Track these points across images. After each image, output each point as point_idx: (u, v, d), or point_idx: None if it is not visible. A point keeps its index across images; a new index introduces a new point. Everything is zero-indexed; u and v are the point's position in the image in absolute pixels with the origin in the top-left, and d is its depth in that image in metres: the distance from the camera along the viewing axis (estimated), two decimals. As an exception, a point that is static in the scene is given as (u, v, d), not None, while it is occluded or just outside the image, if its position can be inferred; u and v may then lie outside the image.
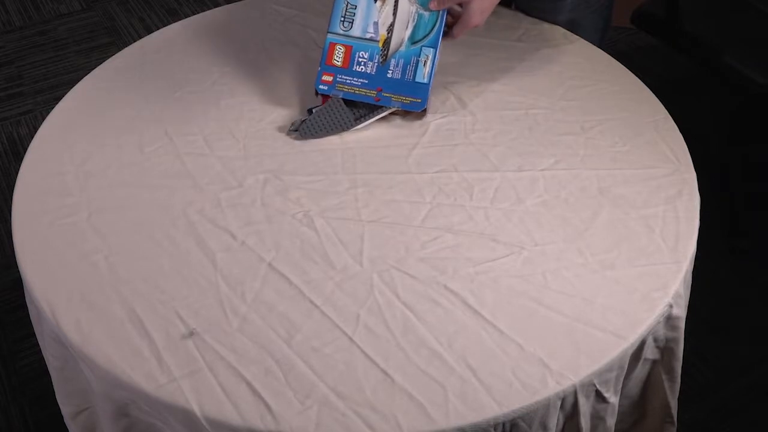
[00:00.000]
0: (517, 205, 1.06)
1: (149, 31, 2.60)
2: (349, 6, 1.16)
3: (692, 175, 1.10)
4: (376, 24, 1.16)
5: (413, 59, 1.17)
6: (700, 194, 1.07)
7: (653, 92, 1.24)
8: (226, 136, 1.17)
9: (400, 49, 1.17)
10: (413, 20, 1.16)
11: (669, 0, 1.87)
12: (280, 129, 1.18)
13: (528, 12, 1.39)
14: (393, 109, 1.17)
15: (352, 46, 1.17)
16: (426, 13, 1.15)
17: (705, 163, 1.23)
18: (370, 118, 1.17)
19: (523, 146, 1.15)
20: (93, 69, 1.31)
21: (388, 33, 1.16)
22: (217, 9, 1.45)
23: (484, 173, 1.11)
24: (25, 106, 2.43)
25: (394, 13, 1.16)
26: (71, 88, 1.27)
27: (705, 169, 1.17)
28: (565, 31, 1.36)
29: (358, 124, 1.16)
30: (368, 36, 1.17)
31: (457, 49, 1.33)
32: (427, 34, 1.16)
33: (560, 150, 1.14)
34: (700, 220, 1.04)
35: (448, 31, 1.18)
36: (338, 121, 1.16)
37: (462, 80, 1.26)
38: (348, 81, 1.17)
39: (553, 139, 1.16)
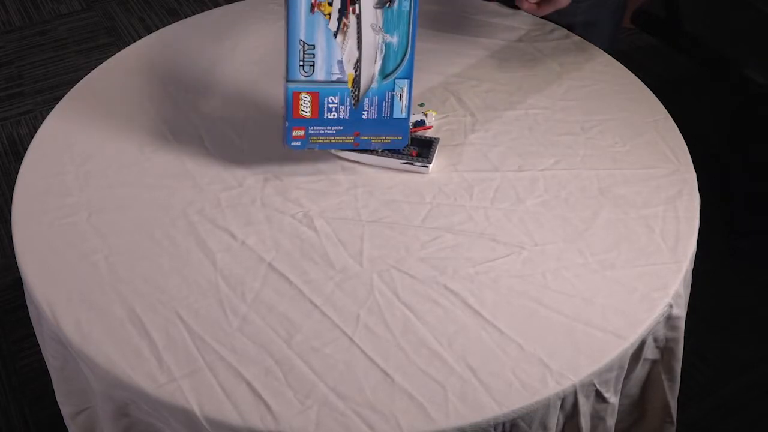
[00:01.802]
0: (517, 205, 1.06)
1: (149, 31, 2.60)
2: (307, 47, 1.02)
3: (692, 175, 1.10)
4: (340, 63, 1.04)
5: (388, 95, 1.07)
6: (700, 194, 1.07)
7: (653, 92, 1.24)
8: (226, 135, 1.17)
9: (372, 85, 1.06)
10: (381, 51, 1.04)
11: (669, 0, 1.87)
12: (281, 129, 1.18)
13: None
14: (397, 165, 1.11)
15: (318, 93, 1.04)
16: (394, 41, 1.05)
17: (705, 163, 1.23)
18: (366, 153, 1.11)
19: (523, 146, 1.15)
20: (93, 69, 1.31)
21: (356, 71, 1.04)
22: (217, 9, 1.46)
23: (484, 173, 1.11)
24: (25, 106, 2.43)
25: (359, 47, 1.04)
26: (71, 88, 1.27)
27: (705, 169, 1.17)
28: (566, 31, 1.36)
29: (346, 151, 1.11)
30: (334, 78, 1.04)
31: (458, 50, 1.33)
32: (399, 64, 1.06)
33: (560, 150, 1.14)
34: (700, 220, 1.04)
35: (534, 8, 1.18)
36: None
37: (462, 80, 1.27)
38: (322, 132, 1.07)
39: (553, 139, 1.16)
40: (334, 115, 1.06)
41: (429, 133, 1.17)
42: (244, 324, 0.92)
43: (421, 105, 1.22)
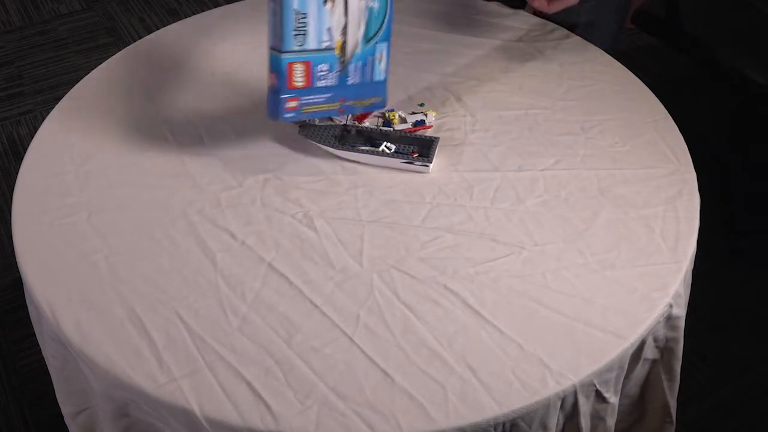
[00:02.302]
0: (517, 205, 1.06)
1: (149, 31, 2.60)
2: (299, 15, 1.02)
3: (692, 175, 1.10)
4: (329, 30, 1.05)
5: (370, 59, 1.09)
6: (700, 194, 1.07)
7: (653, 92, 1.24)
8: (226, 135, 1.17)
9: (356, 51, 1.07)
10: (365, 16, 1.06)
11: (669, 0, 1.88)
12: (281, 129, 1.18)
13: (547, 13, 1.38)
14: (397, 165, 1.11)
15: (310, 62, 1.05)
16: (375, 5, 1.06)
17: (705, 163, 1.23)
18: (360, 153, 1.11)
19: (523, 146, 1.15)
20: (93, 69, 1.31)
21: (343, 37, 1.06)
22: (217, 9, 1.46)
23: (484, 173, 1.11)
24: (25, 106, 2.43)
25: (346, 13, 1.05)
26: (71, 88, 1.27)
27: (705, 169, 1.17)
28: (566, 31, 1.36)
29: (346, 151, 1.11)
30: (324, 45, 1.05)
31: (458, 50, 1.33)
32: (379, 28, 1.08)
33: (560, 150, 1.14)
34: (700, 220, 1.04)
35: (545, 5, 1.18)
36: (328, 139, 1.13)
37: (462, 80, 1.27)
38: (312, 100, 1.08)
39: (553, 139, 1.16)
40: (324, 83, 1.07)
41: (429, 133, 1.17)
42: (244, 324, 0.92)
43: (421, 105, 1.22)
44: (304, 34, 1.03)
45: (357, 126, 1.15)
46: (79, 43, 2.68)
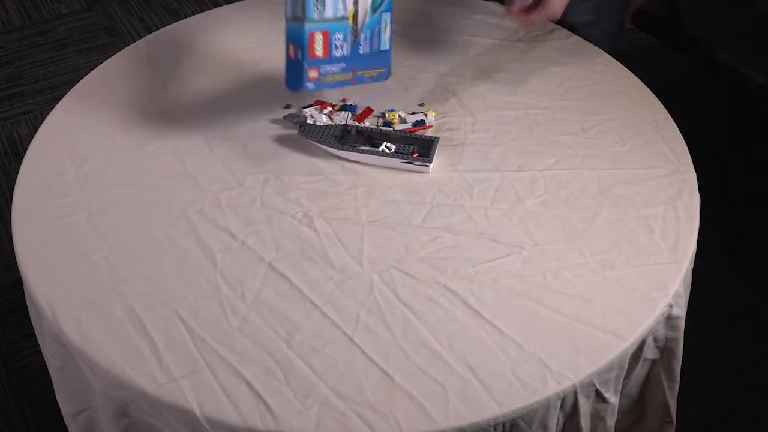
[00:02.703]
0: (517, 205, 1.06)
1: (149, 31, 2.60)
2: None
3: (692, 175, 1.10)
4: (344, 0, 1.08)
5: (376, 28, 1.11)
6: (700, 194, 1.07)
7: (653, 92, 1.24)
8: (226, 136, 1.17)
9: (366, 20, 1.10)
10: None
11: (669, 0, 1.88)
12: (281, 129, 1.18)
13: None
14: (397, 165, 1.11)
15: (328, 31, 1.07)
16: None
17: (705, 163, 1.23)
18: (360, 153, 1.11)
19: (523, 146, 1.15)
20: (93, 69, 1.31)
21: (355, 6, 1.08)
22: (217, 9, 1.46)
23: (484, 173, 1.11)
24: (25, 106, 2.43)
25: None
26: (71, 88, 1.27)
27: (705, 169, 1.17)
28: (566, 31, 1.36)
29: (346, 151, 1.11)
30: (340, 15, 1.07)
31: (458, 49, 1.33)
32: None
33: (560, 150, 1.14)
34: (700, 220, 1.04)
35: (524, 16, 1.18)
36: (328, 139, 1.13)
37: (462, 80, 1.27)
38: (330, 70, 1.10)
39: (553, 139, 1.16)
40: (339, 52, 1.09)
41: (429, 133, 1.17)
42: (244, 324, 0.92)
43: (421, 105, 1.22)
44: (323, 3, 1.05)
45: (357, 126, 1.16)
46: (79, 43, 2.68)
